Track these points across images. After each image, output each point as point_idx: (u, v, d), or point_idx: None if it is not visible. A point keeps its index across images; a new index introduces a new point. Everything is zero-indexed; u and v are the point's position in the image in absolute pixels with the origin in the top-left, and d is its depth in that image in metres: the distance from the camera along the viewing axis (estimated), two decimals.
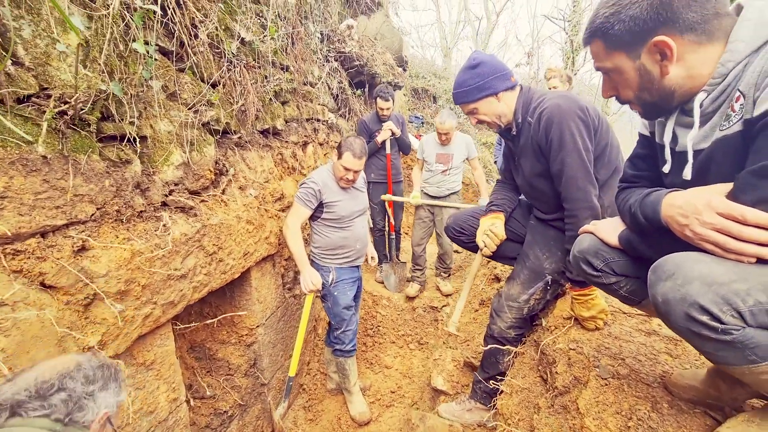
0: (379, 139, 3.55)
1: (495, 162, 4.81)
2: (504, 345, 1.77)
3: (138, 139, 1.45)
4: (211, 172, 1.94)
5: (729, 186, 0.72)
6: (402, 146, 3.68)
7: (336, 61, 3.91)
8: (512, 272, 1.78)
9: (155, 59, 1.57)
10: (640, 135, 1.06)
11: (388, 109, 3.63)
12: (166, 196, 1.63)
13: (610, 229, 1.05)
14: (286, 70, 2.90)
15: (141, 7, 1.33)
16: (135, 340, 1.42)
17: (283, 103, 2.91)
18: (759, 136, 0.67)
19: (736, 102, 0.73)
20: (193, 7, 1.66)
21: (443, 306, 3.54)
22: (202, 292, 1.77)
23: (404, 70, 4.93)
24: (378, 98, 3.65)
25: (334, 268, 2.44)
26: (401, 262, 4.04)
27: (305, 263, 2.28)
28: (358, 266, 2.60)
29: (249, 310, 2.31)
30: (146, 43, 1.47)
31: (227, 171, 2.09)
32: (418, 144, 3.50)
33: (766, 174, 0.65)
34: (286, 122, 2.96)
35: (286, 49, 2.94)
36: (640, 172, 1.03)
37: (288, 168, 2.92)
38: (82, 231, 1.25)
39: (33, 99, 1.12)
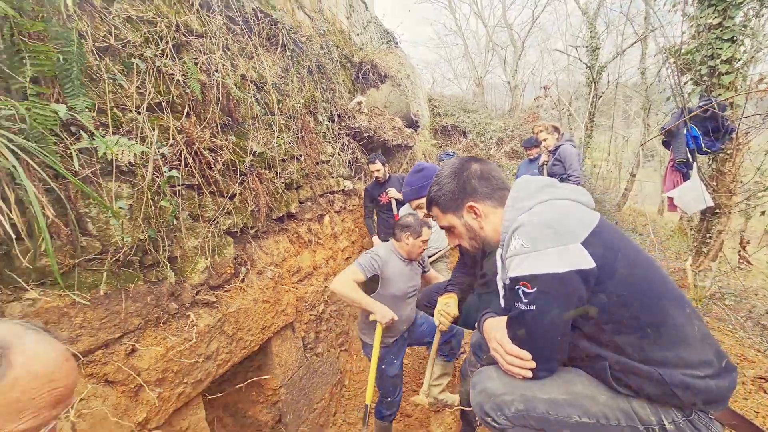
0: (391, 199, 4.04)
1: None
2: None
3: (170, 260, 2.00)
4: (231, 267, 2.47)
5: None
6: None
7: (347, 136, 4.47)
8: None
9: (182, 194, 2.15)
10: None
11: (378, 170, 4.15)
12: (194, 296, 2.16)
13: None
14: (298, 160, 3.47)
15: (166, 174, 1.90)
16: (171, 413, 1.90)
17: (297, 188, 3.46)
18: (506, 294, 0.97)
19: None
20: (208, 155, 2.24)
21: None
22: (225, 367, 2.25)
23: (416, 128, 5.38)
24: (368, 164, 4.21)
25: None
26: None
27: (371, 302, 2.39)
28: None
29: (272, 373, 2.76)
30: (173, 186, 2.05)
31: (246, 262, 2.62)
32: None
33: (511, 321, 0.95)
34: (301, 203, 3.50)
35: (297, 142, 3.53)
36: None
37: (304, 243, 3.42)
38: (132, 338, 1.77)
39: (97, 256, 1.69)
